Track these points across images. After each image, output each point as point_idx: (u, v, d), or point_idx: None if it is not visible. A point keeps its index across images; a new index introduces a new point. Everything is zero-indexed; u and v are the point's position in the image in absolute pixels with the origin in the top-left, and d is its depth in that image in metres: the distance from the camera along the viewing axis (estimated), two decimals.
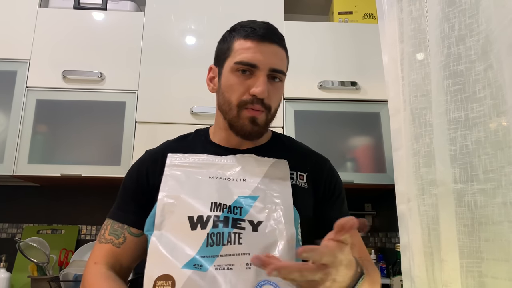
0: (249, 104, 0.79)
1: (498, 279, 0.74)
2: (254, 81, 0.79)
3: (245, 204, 0.70)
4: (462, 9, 0.85)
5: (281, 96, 0.86)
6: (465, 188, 0.82)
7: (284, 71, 0.83)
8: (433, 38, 0.93)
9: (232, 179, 0.76)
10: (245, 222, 0.68)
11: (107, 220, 0.83)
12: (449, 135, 0.85)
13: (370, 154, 1.66)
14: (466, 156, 0.82)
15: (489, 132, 0.78)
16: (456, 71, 0.85)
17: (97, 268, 0.77)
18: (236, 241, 0.65)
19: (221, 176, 0.76)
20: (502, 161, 0.74)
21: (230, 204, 0.70)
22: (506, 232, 0.72)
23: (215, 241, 0.65)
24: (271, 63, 0.79)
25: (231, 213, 0.69)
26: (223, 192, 0.72)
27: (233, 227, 0.67)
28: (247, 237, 0.66)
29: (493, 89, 0.77)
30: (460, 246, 0.81)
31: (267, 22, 0.84)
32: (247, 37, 0.80)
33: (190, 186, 0.73)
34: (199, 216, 0.68)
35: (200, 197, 0.71)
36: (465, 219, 0.81)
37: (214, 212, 0.68)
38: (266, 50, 0.79)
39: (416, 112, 1.04)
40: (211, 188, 0.73)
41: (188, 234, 0.67)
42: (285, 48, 0.85)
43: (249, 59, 0.79)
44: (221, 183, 0.74)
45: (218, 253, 0.64)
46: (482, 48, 0.80)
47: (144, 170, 0.84)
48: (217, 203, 0.70)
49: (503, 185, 0.74)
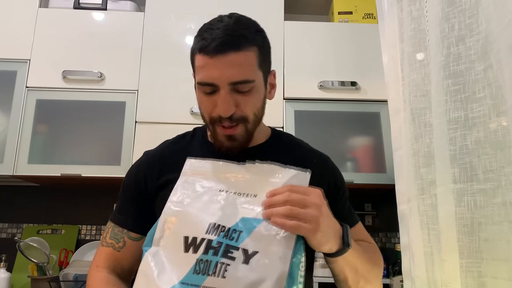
0: (218, 122, 0.76)
1: (497, 279, 0.74)
2: (217, 98, 0.74)
3: (246, 228, 0.64)
4: (462, 9, 0.84)
5: (257, 102, 0.79)
6: (464, 188, 0.82)
7: (247, 79, 0.74)
8: (433, 38, 0.93)
9: (243, 194, 0.70)
10: (238, 251, 0.62)
11: (109, 222, 0.84)
12: (449, 135, 0.85)
13: (370, 154, 1.66)
14: (465, 156, 0.82)
15: (489, 132, 0.78)
16: (456, 71, 0.85)
17: (98, 271, 0.78)
18: (220, 274, 0.60)
19: (232, 189, 0.70)
20: (501, 161, 0.74)
21: (230, 227, 0.64)
22: (506, 232, 0.72)
23: (201, 269, 0.61)
24: (228, 77, 0.72)
25: (227, 238, 0.63)
26: (227, 210, 0.67)
27: (223, 256, 0.61)
28: (234, 270, 0.60)
29: (493, 89, 0.77)
30: (460, 246, 0.81)
31: (227, 20, 0.76)
32: (201, 51, 0.73)
33: (197, 201, 0.69)
34: (193, 238, 0.64)
35: (201, 214, 0.67)
36: (465, 219, 0.81)
37: (208, 235, 0.64)
38: (221, 64, 0.72)
39: (416, 112, 1.04)
40: (216, 205, 0.68)
41: (180, 256, 0.63)
42: (251, 45, 0.74)
43: (206, 79, 0.73)
44: (229, 199, 0.69)
45: (200, 284, 0.60)
46: (482, 48, 0.80)
47: (142, 175, 0.84)
48: (215, 224, 0.65)
49: (503, 185, 0.74)
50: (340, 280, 0.76)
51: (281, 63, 1.70)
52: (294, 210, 0.64)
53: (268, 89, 0.83)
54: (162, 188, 0.80)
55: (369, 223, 1.96)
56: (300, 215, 0.64)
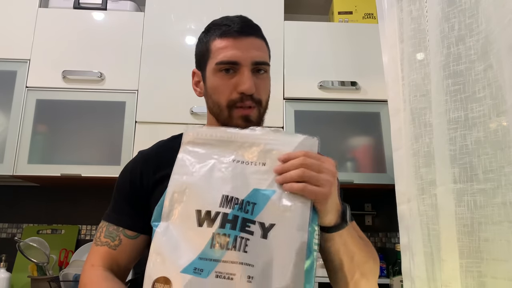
0: (239, 103, 0.78)
1: (497, 279, 0.74)
2: (239, 78, 0.77)
3: (259, 199, 0.62)
4: (462, 9, 0.84)
5: (269, 88, 0.84)
6: (464, 188, 0.82)
7: (267, 62, 0.82)
8: (433, 38, 0.93)
9: (251, 162, 0.66)
10: (255, 225, 0.60)
11: (102, 222, 0.83)
12: (449, 135, 0.85)
13: (370, 154, 1.66)
14: (465, 156, 0.82)
15: (489, 132, 0.78)
16: (456, 71, 0.85)
17: (94, 270, 0.77)
18: (241, 248, 0.59)
19: (238, 158, 0.66)
20: (501, 161, 0.74)
21: (243, 199, 0.62)
22: (505, 232, 0.72)
23: (219, 243, 0.59)
24: (252, 56, 0.78)
25: (242, 211, 0.61)
26: (237, 180, 0.64)
27: (241, 230, 0.60)
28: (254, 244, 0.59)
29: (493, 89, 0.77)
30: (460, 246, 0.81)
31: (240, 15, 0.83)
32: (223, 35, 0.79)
33: (204, 171, 0.66)
34: (207, 212, 0.61)
35: (212, 186, 0.64)
36: (465, 219, 0.81)
37: (223, 209, 0.61)
38: (244, 45, 0.78)
39: (416, 112, 1.04)
40: (225, 175, 0.64)
41: (194, 230, 0.61)
42: (263, 38, 0.83)
43: (229, 57, 0.77)
44: (237, 169, 0.65)
45: (221, 258, 0.58)
46: (482, 48, 0.80)
47: (138, 172, 0.84)
48: (228, 196, 0.62)
49: (503, 185, 0.74)
50: (336, 267, 0.73)
51: (281, 63, 1.70)
52: (308, 173, 0.62)
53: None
54: (158, 184, 0.80)
55: (369, 223, 1.96)
56: (314, 178, 0.62)
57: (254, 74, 0.79)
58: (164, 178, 0.79)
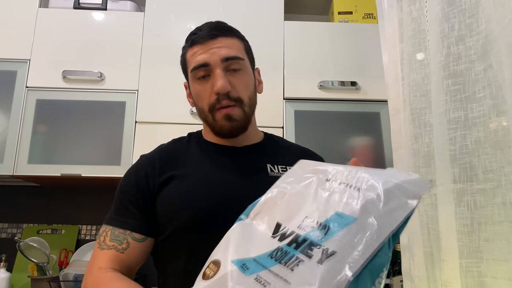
0: (217, 104, 0.80)
1: (497, 279, 0.74)
2: (213, 80, 0.80)
3: (337, 224, 0.58)
4: (462, 9, 0.84)
5: (250, 84, 0.85)
6: (464, 188, 0.82)
7: (238, 56, 0.82)
8: (433, 38, 0.93)
9: (349, 185, 0.63)
10: (318, 249, 0.57)
11: (105, 226, 0.81)
12: (449, 135, 0.85)
13: (370, 154, 1.66)
14: (465, 156, 0.82)
15: (489, 132, 0.78)
16: (455, 71, 0.85)
17: (104, 271, 0.74)
18: (291, 266, 0.57)
19: (339, 179, 0.65)
20: (501, 161, 0.74)
21: (321, 222, 0.59)
22: (505, 232, 0.72)
23: (276, 256, 0.59)
24: (220, 54, 0.80)
25: (315, 234, 0.59)
26: (325, 202, 0.62)
27: (302, 251, 0.57)
28: (306, 267, 0.56)
29: (493, 89, 0.77)
30: (460, 246, 0.81)
31: (216, 21, 0.86)
32: (192, 43, 0.84)
33: (300, 187, 0.66)
34: (285, 228, 0.62)
35: (299, 203, 0.64)
36: (465, 219, 0.81)
37: (298, 230, 0.60)
38: (212, 47, 0.81)
39: (416, 112, 1.04)
40: (317, 196, 0.63)
41: (266, 238, 0.62)
42: (238, 36, 0.85)
43: (198, 61, 0.81)
44: (332, 189, 0.63)
45: (269, 267, 0.58)
46: (482, 48, 0.80)
47: (143, 174, 0.83)
48: (309, 219, 0.60)
49: (503, 185, 0.74)
50: None
51: (281, 63, 1.70)
52: None
53: (257, 83, 0.90)
54: (164, 185, 0.81)
55: None
56: None
57: (229, 73, 0.81)
58: (170, 179, 0.80)
